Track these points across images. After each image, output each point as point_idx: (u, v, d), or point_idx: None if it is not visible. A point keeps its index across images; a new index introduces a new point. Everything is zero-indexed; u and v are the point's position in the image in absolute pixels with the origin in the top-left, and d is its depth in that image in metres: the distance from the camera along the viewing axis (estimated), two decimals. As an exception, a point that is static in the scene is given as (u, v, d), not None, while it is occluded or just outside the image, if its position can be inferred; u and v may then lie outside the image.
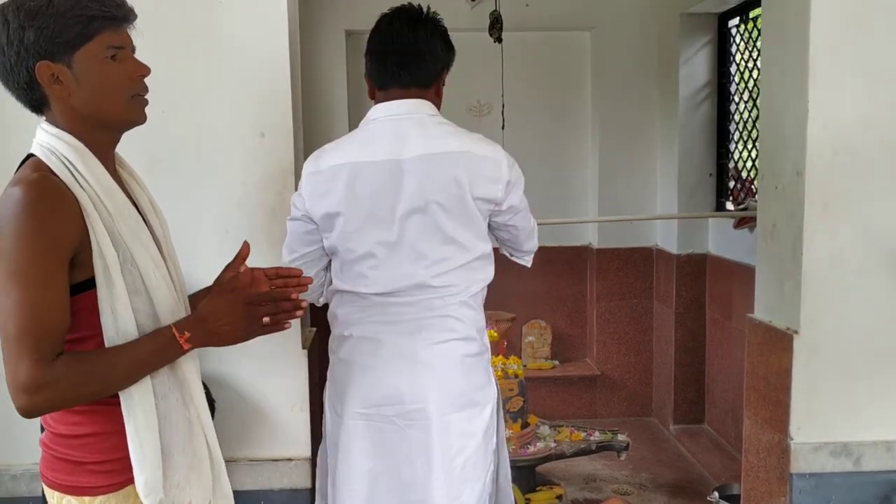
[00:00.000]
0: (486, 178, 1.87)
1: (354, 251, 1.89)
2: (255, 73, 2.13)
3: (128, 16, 1.39)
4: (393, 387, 1.90)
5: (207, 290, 1.55)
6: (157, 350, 1.38)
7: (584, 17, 4.53)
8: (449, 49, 1.97)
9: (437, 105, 1.97)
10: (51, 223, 1.28)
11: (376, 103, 1.94)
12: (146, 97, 1.43)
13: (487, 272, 1.96)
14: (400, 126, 1.88)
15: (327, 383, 2.03)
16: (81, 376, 1.31)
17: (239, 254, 1.49)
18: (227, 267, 1.51)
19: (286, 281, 1.48)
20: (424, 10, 1.94)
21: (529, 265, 2.20)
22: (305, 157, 2.46)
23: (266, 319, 1.43)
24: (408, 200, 1.84)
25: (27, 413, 1.31)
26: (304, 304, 1.47)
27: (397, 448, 1.91)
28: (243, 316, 1.41)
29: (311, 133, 3.78)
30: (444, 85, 2.00)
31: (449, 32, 1.96)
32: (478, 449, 1.94)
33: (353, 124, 4.45)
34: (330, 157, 1.89)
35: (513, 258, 2.18)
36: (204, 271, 1.58)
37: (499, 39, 3.70)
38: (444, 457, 1.90)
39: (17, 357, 1.27)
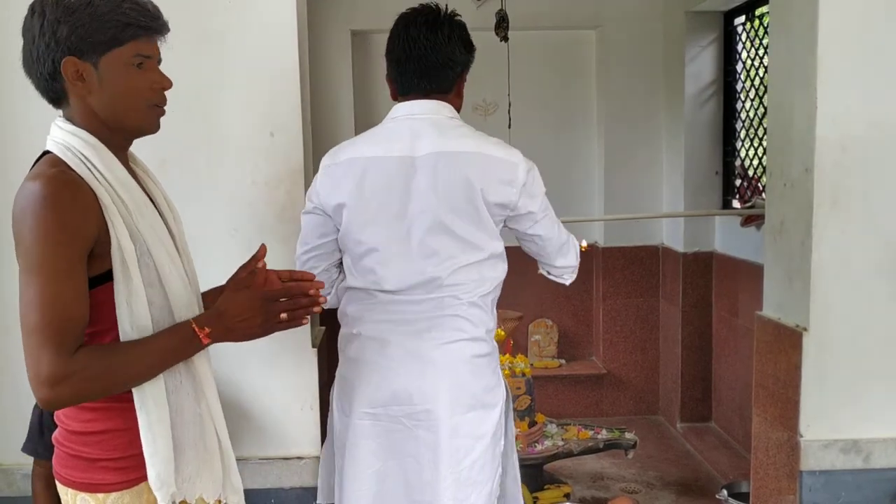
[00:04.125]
0: (499, 180, 1.87)
1: (363, 244, 1.89)
2: (264, 72, 2.13)
3: (161, 29, 1.42)
4: (401, 386, 1.89)
5: (219, 289, 1.57)
6: (176, 345, 1.39)
7: (589, 15, 4.53)
8: (469, 50, 1.97)
9: (458, 106, 1.98)
10: (70, 216, 1.29)
11: (398, 104, 1.96)
12: (164, 108, 1.46)
13: (499, 270, 1.95)
14: (416, 125, 1.89)
15: (335, 382, 2.03)
16: (102, 369, 1.33)
17: (255, 255, 1.50)
18: (242, 267, 1.51)
19: (300, 285, 1.49)
20: (442, 9, 1.94)
21: (568, 282, 2.11)
22: (314, 156, 2.48)
23: (283, 315, 1.44)
24: (418, 198, 1.85)
25: (48, 405, 1.32)
26: (321, 300, 1.48)
27: (404, 448, 1.90)
28: (261, 312, 1.42)
29: (317, 132, 3.79)
30: (464, 82, 2.01)
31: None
32: (485, 451, 1.92)
33: (359, 122, 4.51)
34: (346, 152, 1.91)
35: (550, 276, 2.11)
36: (214, 269, 1.59)
37: (505, 38, 3.70)
38: (452, 458, 1.88)
39: (39, 349, 1.28)
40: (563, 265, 2.06)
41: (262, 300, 1.42)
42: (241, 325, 1.42)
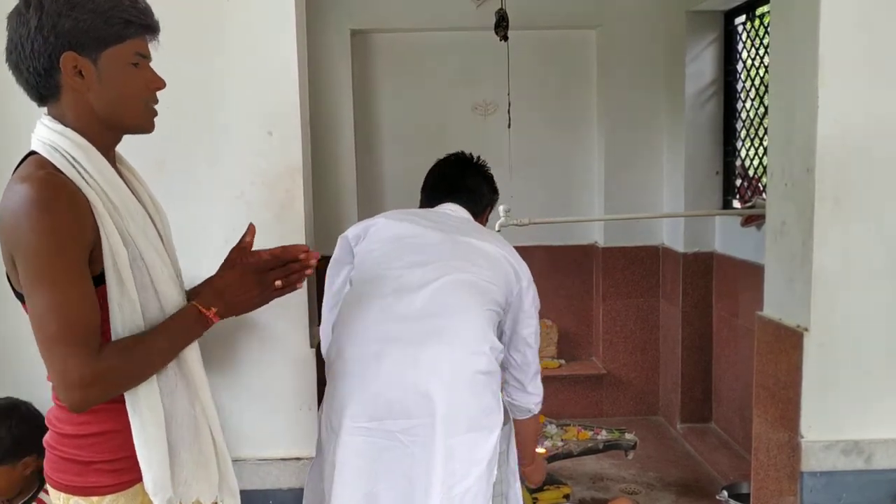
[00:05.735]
0: (515, 256, 2.03)
1: (375, 249, 1.99)
2: (263, 71, 2.12)
3: (156, 28, 1.43)
4: (399, 398, 1.83)
5: (203, 284, 1.57)
6: (187, 328, 1.42)
7: (589, 15, 4.52)
8: (493, 191, 2.26)
9: None
10: (69, 220, 1.28)
11: None
12: (156, 109, 1.46)
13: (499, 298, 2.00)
14: (443, 211, 2.14)
15: (323, 401, 1.98)
16: (129, 363, 1.34)
17: (245, 233, 1.55)
18: (233, 248, 1.55)
19: (287, 249, 1.54)
20: (474, 157, 2.26)
21: (535, 412, 2.18)
22: (313, 155, 2.47)
23: (278, 283, 1.50)
24: (438, 231, 2.01)
25: (80, 408, 1.33)
26: (311, 262, 1.53)
27: (397, 468, 1.83)
28: (256, 283, 1.48)
29: (316, 131, 3.78)
30: (486, 220, 2.26)
31: (454, 32, 2.00)
32: (480, 479, 1.84)
33: (358, 122, 4.51)
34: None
35: (514, 404, 2.15)
36: (213, 268, 1.58)
37: (505, 38, 3.69)
38: (445, 484, 1.80)
39: (65, 354, 1.28)
40: (534, 392, 2.15)
41: (255, 272, 1.48)
42: (240, 298, 1.47)
